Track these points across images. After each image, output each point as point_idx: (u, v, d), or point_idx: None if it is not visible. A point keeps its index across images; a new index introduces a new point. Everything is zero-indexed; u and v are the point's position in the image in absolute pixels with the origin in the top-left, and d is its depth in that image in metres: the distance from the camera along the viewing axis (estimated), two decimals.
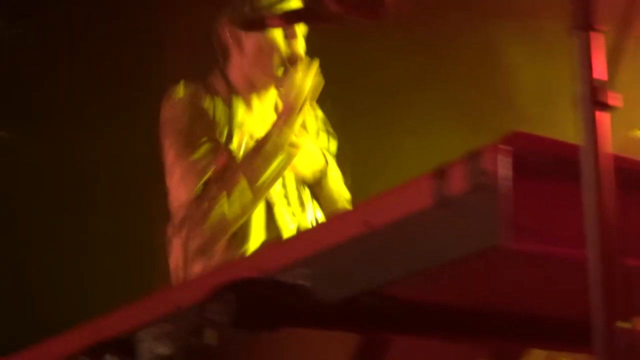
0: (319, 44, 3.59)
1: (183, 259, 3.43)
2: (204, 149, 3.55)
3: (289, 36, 3.40)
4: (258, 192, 3.46)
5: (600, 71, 1.59)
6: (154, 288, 2.30)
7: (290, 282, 1.94)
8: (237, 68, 3.68)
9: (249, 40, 3.53)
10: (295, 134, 3.55)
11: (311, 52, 3.66)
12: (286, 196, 3.72)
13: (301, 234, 2.19)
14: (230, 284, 1.92)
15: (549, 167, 1.70)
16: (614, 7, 1.70)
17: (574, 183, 1.65)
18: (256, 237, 3.57)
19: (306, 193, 3.79)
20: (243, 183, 3.47)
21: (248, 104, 3.71)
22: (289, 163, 3.54)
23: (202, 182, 3.52)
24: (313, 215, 3.77)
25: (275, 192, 3.66)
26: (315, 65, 3.54)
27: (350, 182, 3.94)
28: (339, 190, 3.84)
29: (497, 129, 1.77)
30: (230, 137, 3.63)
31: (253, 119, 3.72)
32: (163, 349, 2.16)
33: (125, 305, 2.33)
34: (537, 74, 5.72)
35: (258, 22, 2.28)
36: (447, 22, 5.54)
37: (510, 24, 5.68)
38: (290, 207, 3.72)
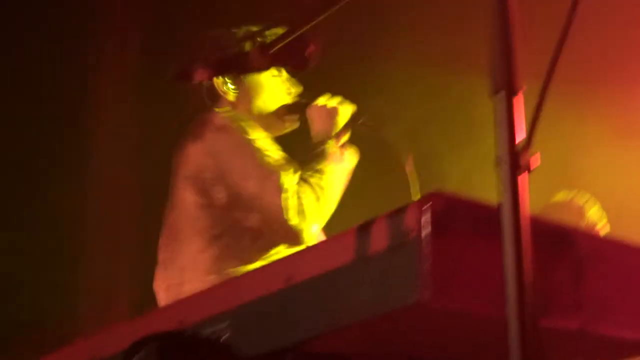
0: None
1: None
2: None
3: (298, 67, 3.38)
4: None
5: (520, 134, 1.62)
6: None
7: (210, 336, 1.93)
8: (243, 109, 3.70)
9: (254, 84, 3.58)
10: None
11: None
12: None
13: (222, 286, 2.18)
14: (149, 337, 1.90)
15: (469, 226, 1.72)
16: (535, 69, 1.73)
17: (493, 242, 1.67)
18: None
19: None
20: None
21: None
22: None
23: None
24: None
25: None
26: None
27: None
28: None
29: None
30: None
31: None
32: None
33: (46, 354, 2.30)
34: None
35: (184, 74, 2.28)
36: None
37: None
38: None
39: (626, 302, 1.88)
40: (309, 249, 1.89)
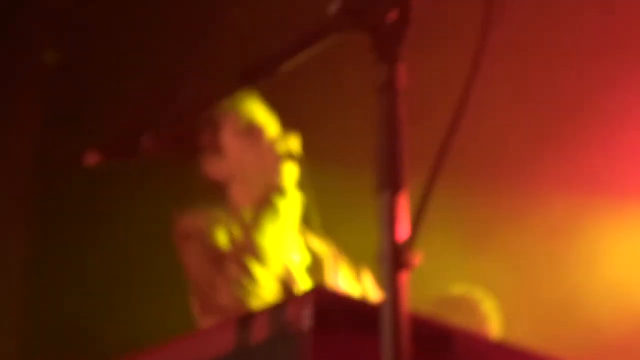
0: None
1: None
2: None
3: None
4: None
5: (403, 232, 1.64)
6: None
7: None
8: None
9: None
10: None
11: None
12: None
13: None
14: None
15: (350, 323, 1.73)
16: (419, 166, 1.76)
17: (373, 340, 1.68)
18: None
19: None
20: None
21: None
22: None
23: None
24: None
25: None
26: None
27: None
28: None
29: None
30: None
31: None
32: None
33: None
34: None
35: (81, 157, 2.28)
36: None
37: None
38: None
39: None
40: (190, 336, 1.88)
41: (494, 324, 4.90)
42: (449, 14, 4.54)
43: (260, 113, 3.59)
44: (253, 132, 3.54)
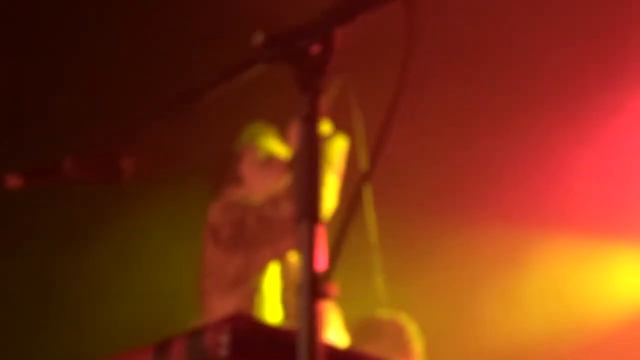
0: None
1: None
2: None
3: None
4: None
5: (321, 261, 1.66)
6: None
7: None
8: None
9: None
10: None
11: None
12: None
13: None
14: None
15: (267, 350, 1.75)
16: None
17: None
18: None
19: None
20: None
21: None
22: None
23: None
24: None
25: None
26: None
27: None
28: None
29: None
30: None
31: None
32: None
33: None
34: None
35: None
36: None
37: None
38: None
39: None
40: None
41: (417, 348, 4.95)
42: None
43: (275, 145, 3.83)
44: (270, 162, 3.80)
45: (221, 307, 3.63)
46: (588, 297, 5.93)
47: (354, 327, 5.09)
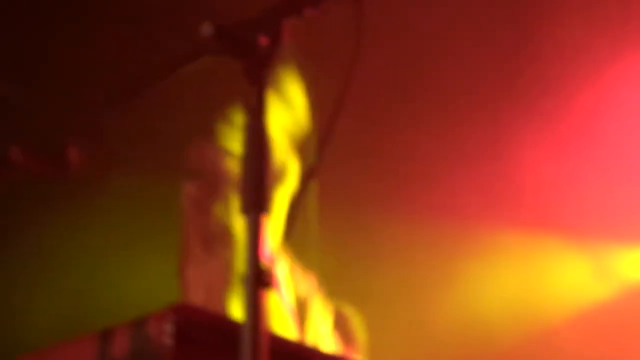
0: None
1: None
2: None
3: None
4: None
5: (265, 252, 1.67)
6: None
7: None
8: None
9: None
10: None
11: None
12: None
13: None
14: None
15: (211, 338, 1.76)
16: None
17: (233, 355, 1.71)
18: None
19: None
20: None
21: None
22: None
23: None
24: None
25: None
26: None
27: None
28: None
29: None
30: None
31: None
32: None
33: None
34: None
35: None
36: None
37: None
38: None
39: None
40: (50, 349, 1.88)
41: (360, 338, 5.00)
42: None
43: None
44: None
45: None
46: (535, 290, 6.01)
47: None
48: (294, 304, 3.67)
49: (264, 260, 1.67)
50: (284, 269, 3.67)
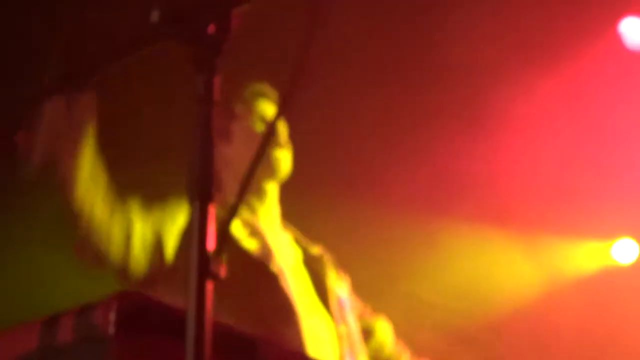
0: None
1: None
2: None
3: None
4: None
5: (211, 242, 1.67)
6: None
7: None
8: None
9: None
10: None
11: None
12: None
13: None
14: None
15: (156, 327, 1.75)
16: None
17: (178, 344, 1.70)
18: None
19: None
20: None
21: None
22: None
23: None
24: None
25: None
26: None
27: None
28: None
29: None
30: None
31: None
32: None
33: None
34: None
35: None
36: None
37: None
38: None
39: None
40: None
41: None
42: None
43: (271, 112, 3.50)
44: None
45: None
46: (482, 282, 6.09)
47: None
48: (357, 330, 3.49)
49: (209, 250, 1.67)
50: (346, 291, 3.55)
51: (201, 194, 1.66)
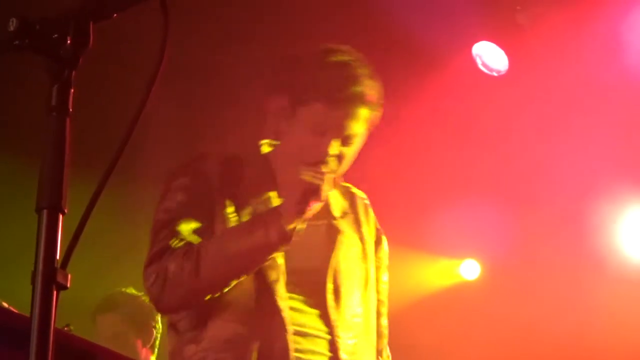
0: None
1: None
2: None
3: None
4: None
5: (58, 251, 1.68)
6: None
7: None
8: None
9: None
10: None
11: None
12: None
13: None
14: None
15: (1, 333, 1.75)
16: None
17: (22, 353, 1.70)
18: None
19: None
20: None
21: None
22: None
23: None
24: None
25: None
26: None
27: None
28: None
29: None
30: None
31: None
32: None
33: None
34: None
35: None
36: None
37: None
38: None
39: None
40: None
41: (155, 323, 5.20)
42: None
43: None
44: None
45: None
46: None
47: (98, 301, 5.18)
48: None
49: (56, 260, 1.68)
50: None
51: (51, 204, 1.67)
